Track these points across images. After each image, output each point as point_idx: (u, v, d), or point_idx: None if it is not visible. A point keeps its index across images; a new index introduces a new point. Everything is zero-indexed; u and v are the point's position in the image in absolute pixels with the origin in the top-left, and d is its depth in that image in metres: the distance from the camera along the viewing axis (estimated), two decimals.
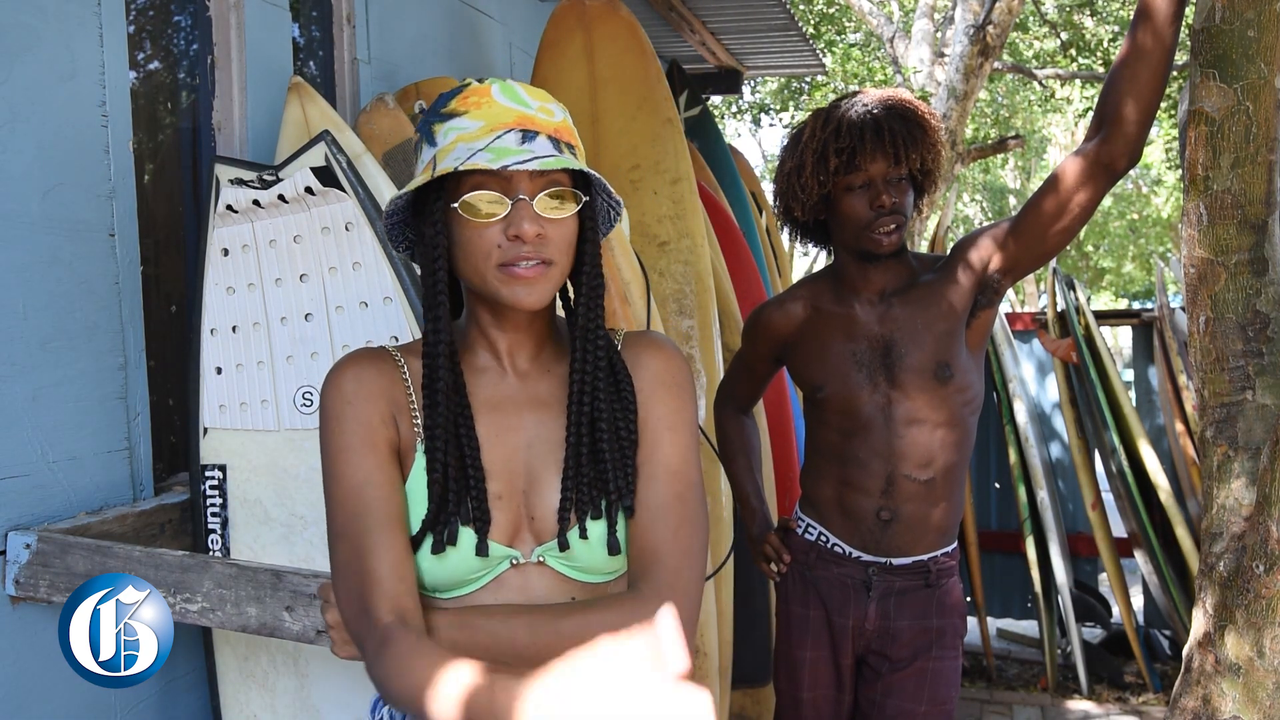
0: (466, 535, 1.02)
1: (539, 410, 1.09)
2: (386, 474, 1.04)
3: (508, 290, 1.02)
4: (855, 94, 1.79)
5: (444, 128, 1.05)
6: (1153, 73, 1.49)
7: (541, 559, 1.05)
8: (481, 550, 1.02)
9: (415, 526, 1.04)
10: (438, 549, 1.02)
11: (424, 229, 1.06)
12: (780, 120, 12.16)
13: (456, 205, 1.02)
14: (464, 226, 1.03)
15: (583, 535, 1.03)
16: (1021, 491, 3.98)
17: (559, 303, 1.16)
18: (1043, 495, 3.91)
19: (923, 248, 6.79)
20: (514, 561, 1.05)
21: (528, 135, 1.02)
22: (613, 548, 1.04)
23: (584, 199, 1.05)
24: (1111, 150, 1.56)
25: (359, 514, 1.01)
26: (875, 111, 1.72)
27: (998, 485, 4.52)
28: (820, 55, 5.28)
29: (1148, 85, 1.50)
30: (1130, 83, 1.51)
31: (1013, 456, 4.03)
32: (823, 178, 1.74)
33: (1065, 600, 3.81)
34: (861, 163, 1.70)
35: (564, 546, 1.03)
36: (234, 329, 1.69)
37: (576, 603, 1.03)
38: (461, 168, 0.99)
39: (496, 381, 1.10)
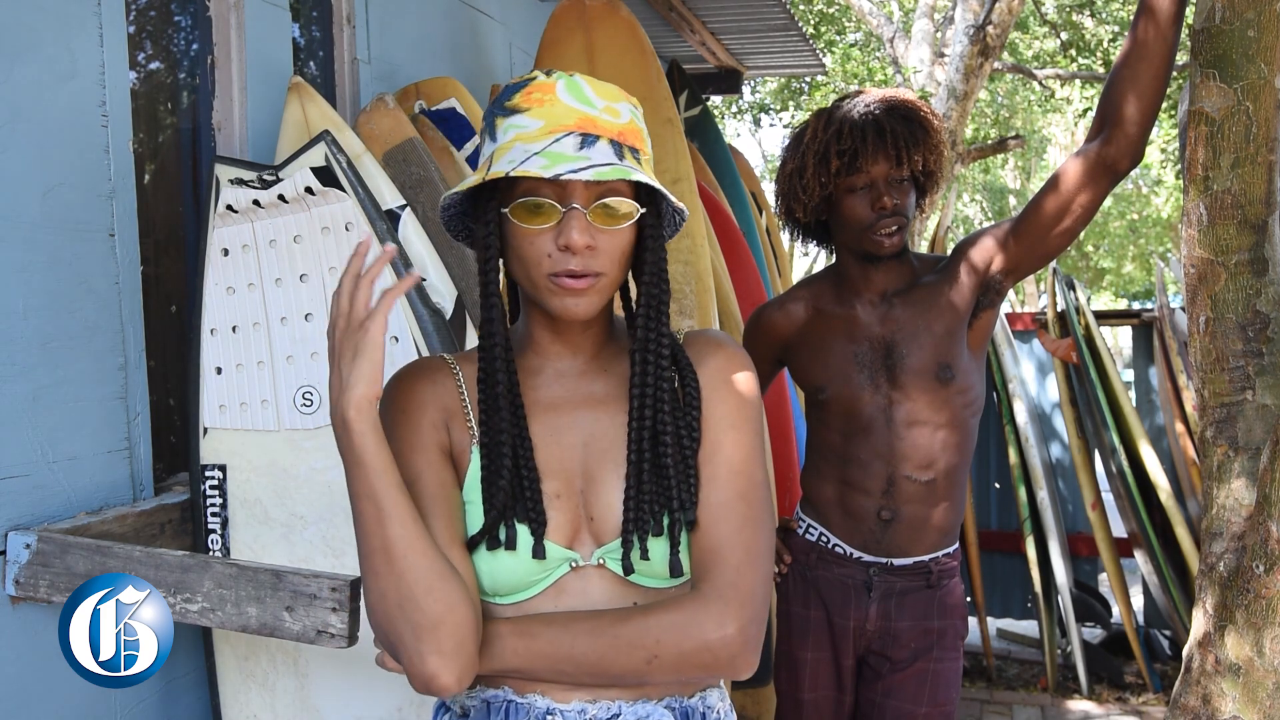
0: (524, 536, 1.01)
1: (595, 409, 1.07)
2: (436, 472, 1.03)
3: (557, 301, 1.01)
4: (857, 94, 1.79)
5: (505, 124, 1.01)
6: (1154, 73, 1.50)
7: (601, 561, 1.03)
8: (538, 552, 1.00)
9: (473, 529, 1.02)
10: (493, 547, 1.01)
11: (477, 229, 1.04)
12: (780, 120, 12.18)
13: (507, 210, 1.00)
14: (516, 231, 1.00)
15: (644, 556, 1.01)
16: (1021, 491, 3.98)
17: (618, 299, 1.14)
18: (1043, 495, 3.91)
19: (923, 248, 6.79)
20: (573, 565, 1.03)
21: (587, 140, 0.98)
22: (675, 569, 1.01)
23: (641, 209, 1.02)
24: (1113, 151, 1.56)
25: None
26: (877, 112, 1.72)
27: (998, 485, 4.52)
28: (820, 55, 5.28)
29: (1149, 86, 1.50)
30: (1131, 83, 1.51)
31: (1013, 456, 4.03)
32: (824, 179, 1.73)
33: (1065, 600, 3.81)
34: (863, 164, 1.70)
35: (628, 570, 1.01)
36: (234, 329, 1.69)
37: (637, 607, 1.01)
38: (514, 173, 0.95)
39: (552, 382, 1.09)
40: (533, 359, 1.09)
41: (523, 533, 1.01)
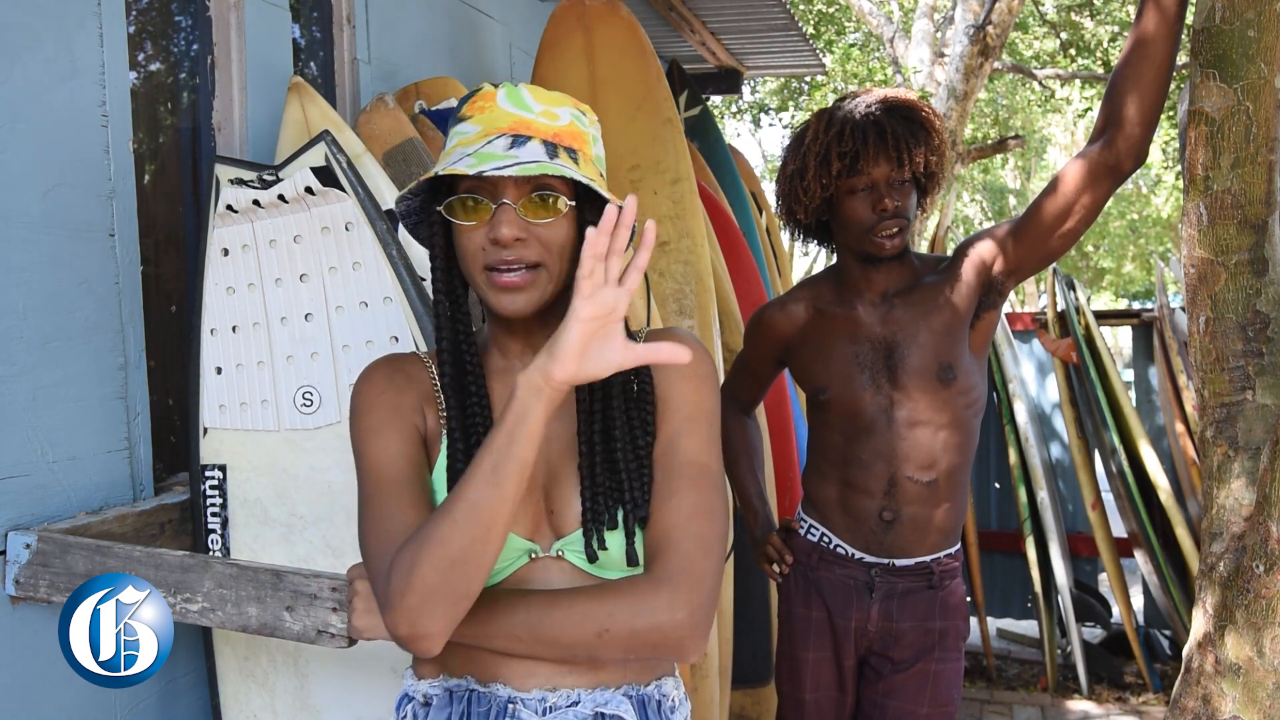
0: None
1: (557, 408, 1.09)
2: (413, 453, 1.07)
3: (495, 297, 1.04)
4: (857, 94, 1.78)
5: (453, 132, 1.08)
6: (1156, 73, 1.50)
7: (560, 553, 1.06)
8: None
9: None
10: None
11: (421, 230, 1.11)
12: (780, 120, 12.17)
13: (441, 208, 1.05)
14: (455, 230, 1.05)
15: (601, 546, 1.04)
16: (1021, 492, 3.98)
17: None
18: (1043, 495, 3.91)
19: (923, 248, 6.79)
20: (533, 555, 1.06)
21: (518, 140, 1.03)
22: (631, 558, 1.04)
23: (572, 203, 1.05)
24: (1116, 152, 1.56)
25: (384, 482, 1.04)
26: (878, 113, 1.71)
27: (998, 485, 4.52)
28: (820, 55, 5.28)
29: (1151, 86, 1.51)
30: (1134, 83, 1.51)
31: (1013, 457, 4.03)
32: (825, 180, 1.73)
33: (1065, 600, 3.81)
34: (864, 166, 1.70)
35: (593, 559, 1.04)
36: (234, 329, 1.69)
37: (590, 586, 1.03)
38: (442, 171, 1.02)
39: (513, 381, 1.11)
40: (498, 360, 1.14)
41: None
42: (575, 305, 0.91)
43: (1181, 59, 2.00)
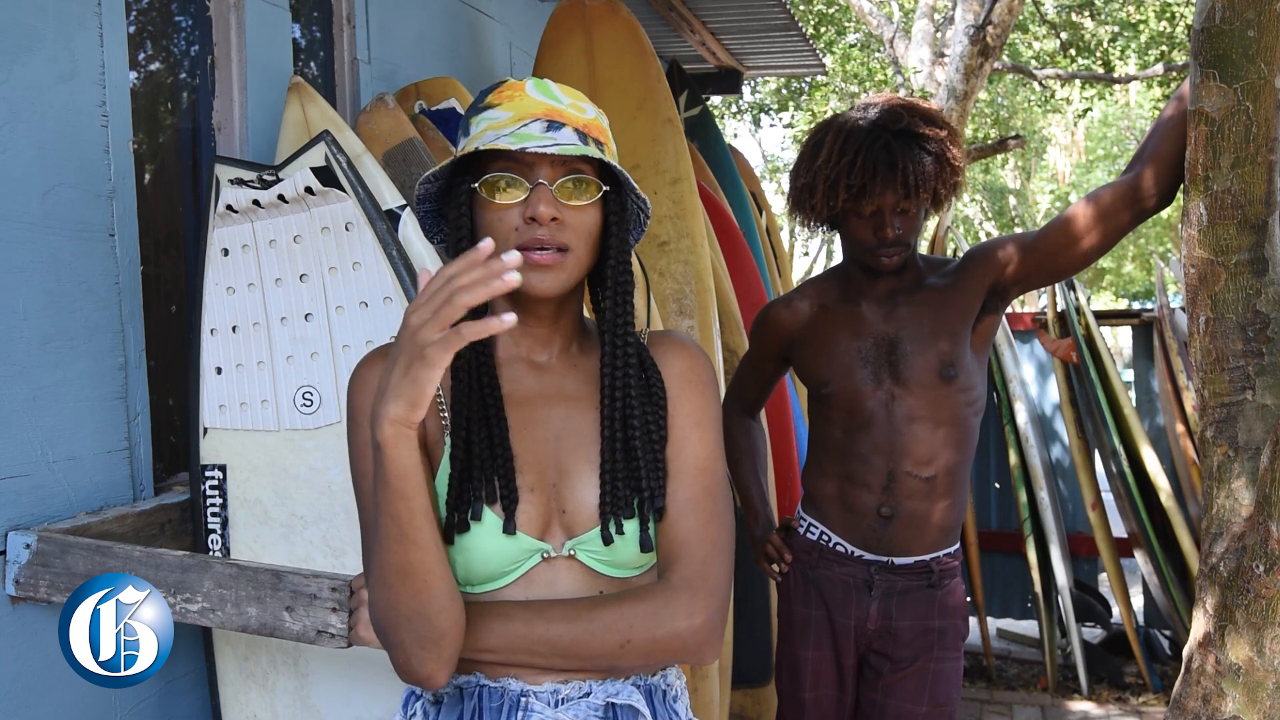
0: (491, 515, 1.02)
1: (567, 404, 1.10)
2: None
3: (525, 275, 1.02)
4: (876, 103, 1.76)
5: (477, 119, 1.07)
6: None
7: (572, 553, 1.05)
8: (509, 528, 1.02)
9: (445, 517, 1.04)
10: (462, 528, 1.02)
11: (449, 211, 1.08)
12: (780, 120, 12.16)
13: (477, 185, 1.03)
14: (485, 209, 1.04)
15: (619, 530, 1.04)
16: (1022, 492, 3.98)
17: (587, 299, 1.17)
18: (1043, 496, 3.91)
19: (922, 248, 6.78)
20: (545, 555, 1.05)
21: (553, 125, 1.04)
22: (645, 544, 1.04)
23: (605, 189, 1.06)
24: (1144, 188, 1.59)
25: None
26: (890, 141, 1.69)
27: (998, 485, 4.52)
28: (820, 55, 5.28)
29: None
30: (1174, 130, 1.52)
31: (1013, 457, 4.03)
32: (831, 203, 1.74)
33: (1065, 600, 3.81)
34: (872, 196, 1.70)
35: (608, 541, 1.04)
36: (234, 329, 1.69)
37: (607, 597, 1.04)
38: (483, 148, 1.01)
39: (522, 376, 1.10)
40: (503, 351, 1.11)
41: (491, 513, 1.02)
42: (436, 355, 0.85)
43: (1181, 59, 2.01)
